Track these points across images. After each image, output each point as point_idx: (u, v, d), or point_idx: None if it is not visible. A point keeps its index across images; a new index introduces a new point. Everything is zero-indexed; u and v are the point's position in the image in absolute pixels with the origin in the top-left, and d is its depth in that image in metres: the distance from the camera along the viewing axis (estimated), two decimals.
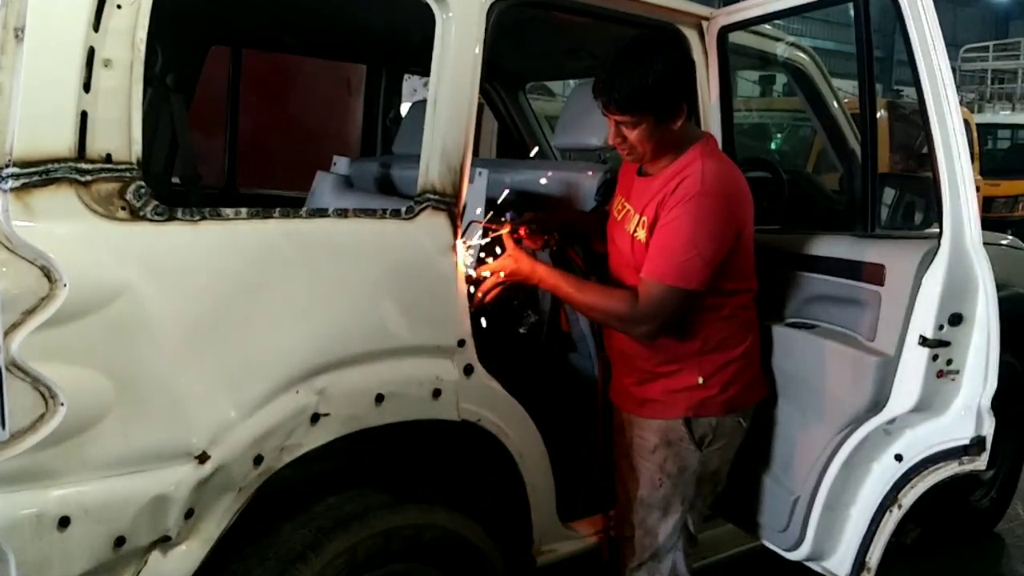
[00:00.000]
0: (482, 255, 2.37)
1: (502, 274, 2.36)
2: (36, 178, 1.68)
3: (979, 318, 2.36)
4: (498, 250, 2.40)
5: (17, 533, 1.68)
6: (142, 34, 1.79)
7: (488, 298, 2.36)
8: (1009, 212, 11.21)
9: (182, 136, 3.28)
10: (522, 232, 2.49)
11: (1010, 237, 4.25)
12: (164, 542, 1.85)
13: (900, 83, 16.71)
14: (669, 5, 2.82)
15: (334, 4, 2.97)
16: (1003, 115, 13.43)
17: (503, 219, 2.46)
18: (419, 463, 2.40)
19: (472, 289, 2.32)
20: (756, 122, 9.79)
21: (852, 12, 2.53)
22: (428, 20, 2.23)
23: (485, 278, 2.35)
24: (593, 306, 2.39)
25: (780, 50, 3.37)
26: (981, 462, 2.42)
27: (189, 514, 1.86)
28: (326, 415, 2.04)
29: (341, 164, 3.48)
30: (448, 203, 2.22)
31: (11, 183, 1.65)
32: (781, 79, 12.44)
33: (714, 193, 2.25)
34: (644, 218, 2.33)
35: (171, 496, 1.82)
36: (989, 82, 15.22)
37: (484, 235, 2.37)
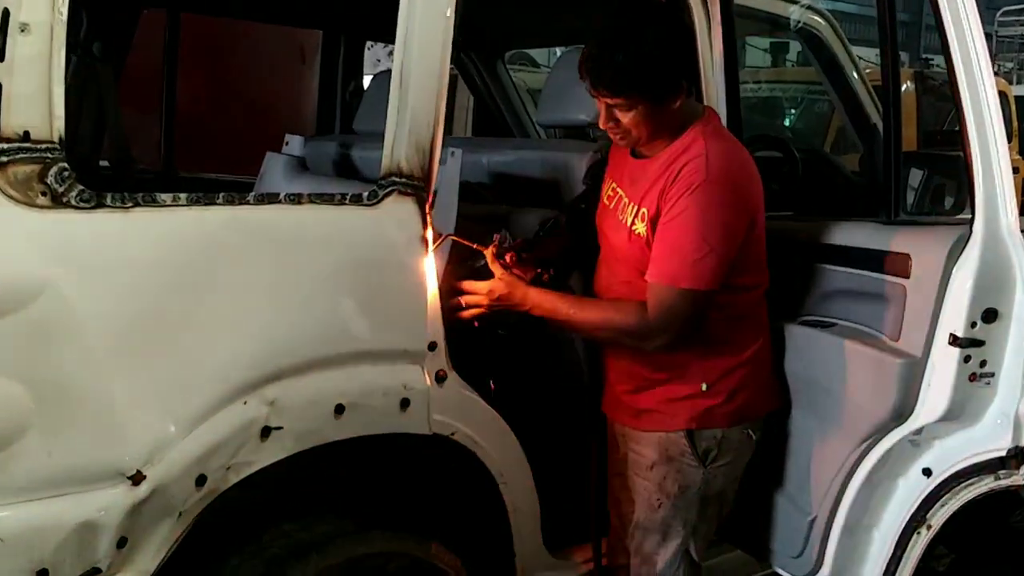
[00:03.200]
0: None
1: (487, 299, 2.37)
2: None
3: (1017, 314, 2.39)
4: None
5: None
6: None
7: (465, 314, 2.38)
8: None
9: (111, 112, 3.28)
10: (508, 259, 2.43)
11: None
12: (93, 575, 1.84)
13: (929, 51, 16.82)
14: None
15: None
16: None
17: (493, 238, 2.45)
18: (386, 484, 2.40)
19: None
20: (766, 96, 9.82)
21: None
22: None
23: (465, 292, 2.36)
24: (598, 325, 2.40)
25: (793, 13, 3.39)
26: (1020, 476, 2.45)
27: (122, 543, 1.85)
28: (278, 429, 2.03)
29: (294, 144, 3.47)
30: (416, 187, 2.22)
31: None
32: (795, 47, 12.51)
33: (722, 180, 2.26)
34: (643, 210, 2.34)
35: (100, 523, 1.81)
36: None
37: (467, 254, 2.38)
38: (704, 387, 2.41)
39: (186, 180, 3.77)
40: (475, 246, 2.41)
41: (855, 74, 3.52)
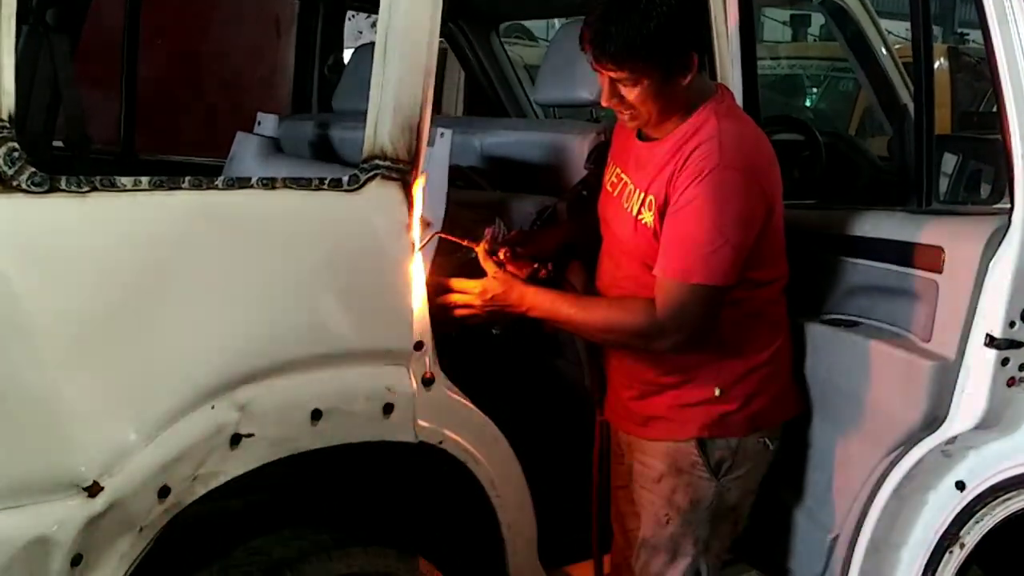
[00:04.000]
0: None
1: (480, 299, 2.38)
2: None
3: None
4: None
5: None
6: None
7: (457, 314, 2.38)
8: None
9: (66, 88, 3.27)
10: (502, 255, 2.44)
11: None
12: None
13: (965, 25, 16.85)
14: None
15: None
16: None
17: (484, 232, 2.45)
18: (367, 496, 2.40)
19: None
20: (786, 73, 9.83)
21: None
22: None
23: (457, 291, 2.37)
24: (602, 326, 2.41)
25: None
26: None
27: (76, 560, 1.84)
28: (249, 436, 2.03)
29: (267, 123, 3.47)
30: (402, 171, 2.22)
31: None
32: (818, 20, 12.53)
33: (736, 164, 2.26)
34: (651, 197, 2.34)
35: (53, 538, 1.80)
36: None
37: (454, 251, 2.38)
38: (717, 392, 2.42)
39: (148, 163, 3.77)
40: (465, 242, 2.41)
41: (883, 50, 3.53)
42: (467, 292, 2.38)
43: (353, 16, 4.47)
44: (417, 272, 2.25)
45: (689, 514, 2.46)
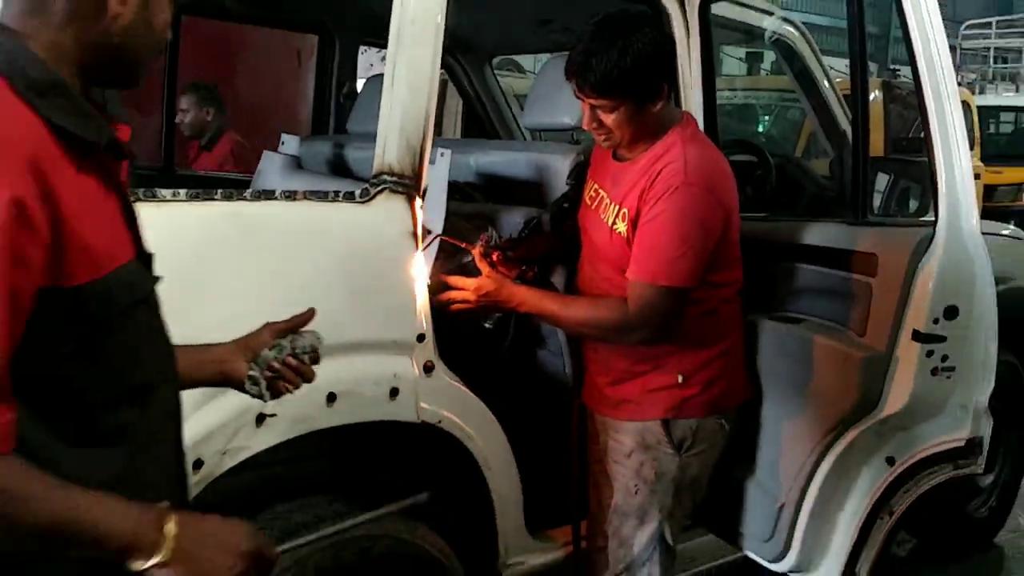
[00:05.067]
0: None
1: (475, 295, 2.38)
2: None
3: (976, 311, 2.41)
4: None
5: None
6: None
7: (454, 308, 2.39)
8: (1012, 201, 11.33)
9: (113, 110, 3.26)
10: (495, 257, 2.44)
11: (1012, 228, 4.32)
12: None
13: (897, 62, 16.90)
14: None
15: None
16: (1007, 97, 13.62)
17: (480, 236, 2.45)
18: (375, 469, 2.40)
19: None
20: (741, 102, 9.84)
21: None
22: None
23: (454, 286, 2.37)
24: (581, 321, 2.41)
25: (768, 24, 3.40)
26: (978, 465, 2.47)
27: None
28: (272, 416, 2.03)
29: (290, 143, 3.47)
30: (407, 186, 2.22)
31: None
32: (769, 56, 12.55)
33: (698, 182, 2.27)
34: (624, 210, 2.35)
35: None
36: (992, 61, 15.42)
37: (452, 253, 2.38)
38: (680, 379, 2.42)
39: (185, 177, 3.76)
40: (463, 245, 2.41)
41: (826, 83, 3.53)
42: (464, 289, 2.38)
43: (365, 50, 4.45)
44: (420, 272, 2.25)
45: (655, 485, 2.46)
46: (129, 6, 1.23)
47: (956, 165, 2.35)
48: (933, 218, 2.39)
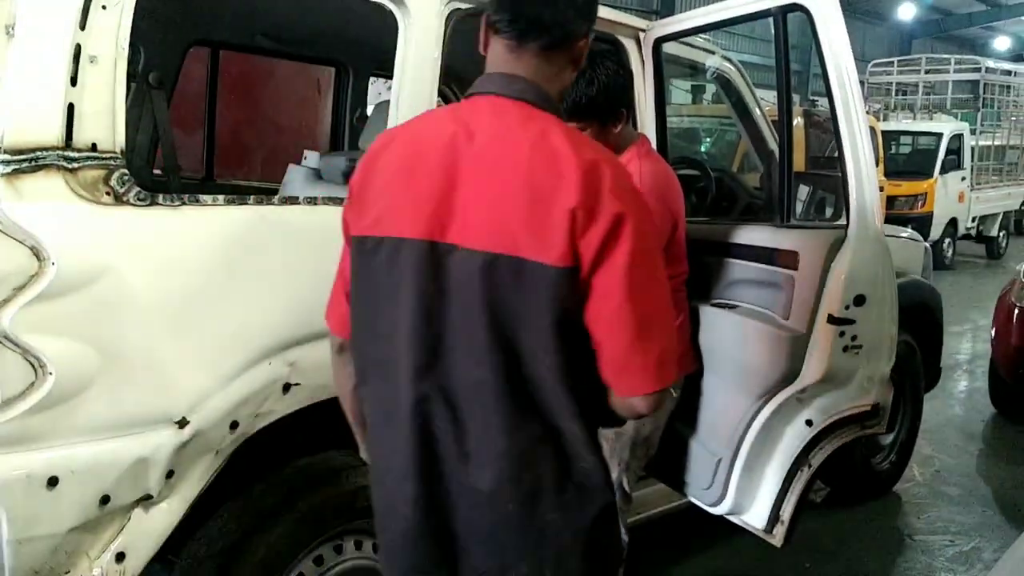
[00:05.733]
0: None
1: None
2: (26, 164, 1.65)
3: (880, 300, 2.42)
4: None
5: (8, 492, 1.65)
6: (126, 33, 1.77)
7: None
8: (910, 209, 11.46)
9: (163, 130, 3.22)
10: None
11: (910, 231, 4.35)
12: (146, 500, 1.83)
13: (815, 94, 16.94)
14: (609, 18, 2.84)
15: (306, 11, 2.94)
16: (905, 123, 13.67)
17: None
18: None
19: None
20: (687, 126, 9.87)
21: (772, 28, 2.56)
22: (392, 26, 2.22)
23: None
24: None
25: (710, 61, 3.40)
26: (881, 426, 2.48)
27: (170, 475, 1.84)
28: (296, 385, 2.03)
29: (311, 158, 3.44)
30: None
31: (2, 169, 1.62)
32: (711, 88, 12.58)
33: (652, 191, 2.26)
34: None
35: (153, 458, 1.80)
36: (893, 94, 15.50)
37: None
38: None
39: (222, 186, 3.73)
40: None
41: (757, 110, 3.53)
42: None
43: (375, 81, 4.43)
44: None
45: (615, 442, 2.47)
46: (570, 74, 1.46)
47: (864, 178, 2.36)
48: (845, 222, 2.40)
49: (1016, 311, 5.08)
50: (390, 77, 2.29)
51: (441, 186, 1.35)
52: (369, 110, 4.09)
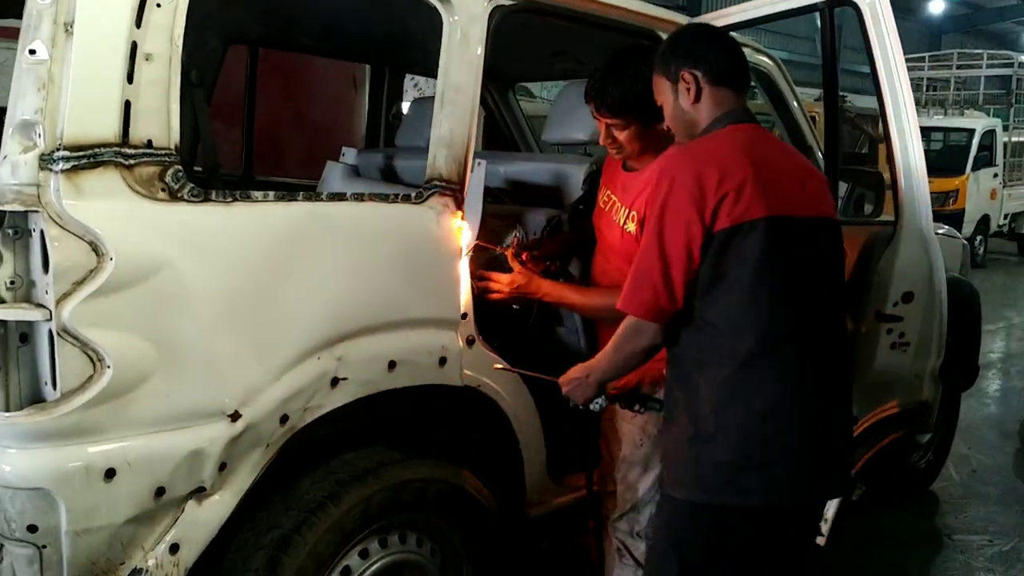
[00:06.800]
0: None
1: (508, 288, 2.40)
2: (84, 161, 1.67)
3: (929, 296, 2.40)
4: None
5: (67, 483, 1.68)
6: (179, 31, 1.78)
7: (491, 297, 2.41)
8: (941, 206, 11.31)
9: (204, 127, 3.24)
10: (524, 257, 2.47)
11: (946, 227, 4.30)
12: (200, 492, 1.85)
13: (844, 90, 16.80)
14: (651, 13, 2.83)
15: (346, 8, 2.95)
16: (936, 119, 13.49)
17: (511, 239, 2.47)
18: (426, 424, 2.40)
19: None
20: None
21: (819, 22, 2.54)
22: (433, 24, 2.23)
23: (492, 280, 2.39)
24: (598, 307, 2.42)
25: (750, 57, 3.38)
26: (929, 425, 2.45)
27: (222, 467, 1.86)
28: (344, 379, 2.04)
29: (349, 155, 3.46)
30: (453, 189, 2.23)
31: (62, 165, 1.64)
32: None
33: None
34: (634, 212, 2.34)
35: (207, 451, 1.82)
36: (924, 89, 15.31)
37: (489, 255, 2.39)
38: None
39: (262, 183, 3.75)
40: (498, 249, 2.46)
41: (795, 104, 3.51)
42: (499, 282, 2.39)
43: (413, 78, 4.44)
44: (463, 262, 2.25)
45: (658, 439, 2.45)
46: None
47: (914, 175, 2.34)
48: (893, 218, 2.38)
49: None
50: (425, 74, 2.29)
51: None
52: (405, 107, 4.10)
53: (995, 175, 12.39)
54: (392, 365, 2.12)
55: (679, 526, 1.94)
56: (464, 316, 2.27)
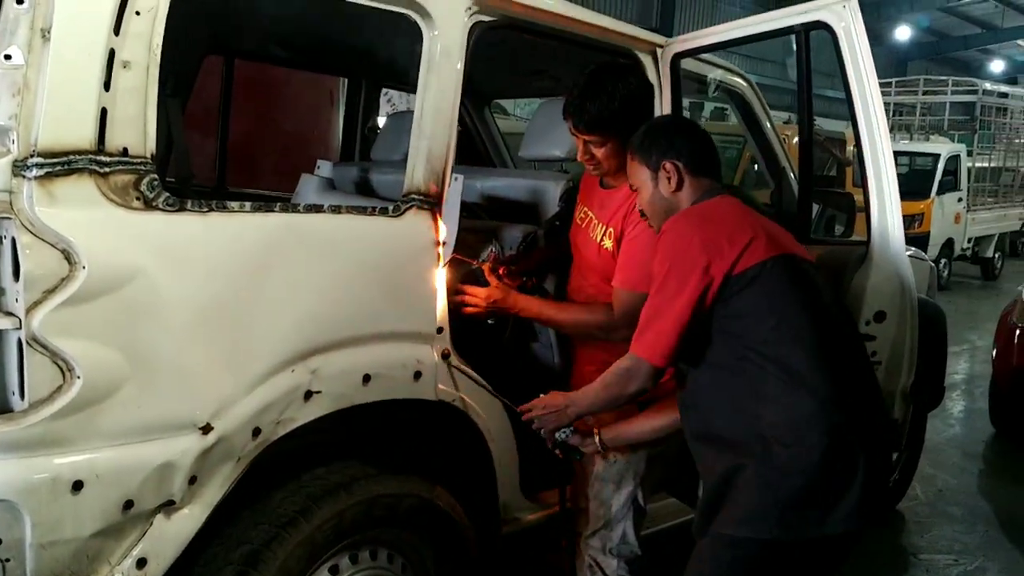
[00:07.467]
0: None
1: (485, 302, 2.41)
2: (58, 168, 1.64)
3: (901, 316, 2.43)
4: None
5: (33, 496, 1.64)
6: (158, 39, 1.76)
7: (467, 311, 2.41)
8: (908, 229, 11.42)
9: (177, 137, 3.22)
10: (501, 272, 2.47)
11: (914, 249, 4.36)
12: (169, 506, 1.82)
13: (816, 114, 17.06)
14: (628, 32, 2.85)
15: (324, 22, 2.95)
16: (903, 144, 13.68)
17: (487, 253, 2.47)
18: (399, 439, 2.38)
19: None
20: None
21: (794, 45, 2.58)
22: (413, 38, 2.23)
23: (469, 293, 2.39)
24: (575, 323, 2.42)
25: (724, 77, 3.42)
26: (899, 443, 2.47)
27: (192, 480, 1.83)
28: (318, 392, 2.02)
29: (324, 167, 3.44)
30: (431, 203, 2.22)
31: (35, 172, 1.62)
32: (708, 106, 12.63)
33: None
34: (611, 229, 2.35)
35: (177, 464, 1.79)
36: (891, 114, 15.56)
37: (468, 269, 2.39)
38: None
39: (235, 194, 3.72)
40: (475, 263, 2.45)
41: (768, 125, 3.56)
42: (476, 295, 2.39)
43: (387, 92, 4.44)
44: (440, 277, 2.24)
45: (631, 455, 2.46)
46: None
47: (886, 196, 2.37)
48: (866, 239, 2.41)
49: (1018, 332, 5.10)
50: (403, 88, 2.29)
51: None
52: (381, 121, 4.10)
53: (959, 199, 12.60)
54: (367, 379, 2.11)
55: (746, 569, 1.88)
56: (440, 330, 2.26)
